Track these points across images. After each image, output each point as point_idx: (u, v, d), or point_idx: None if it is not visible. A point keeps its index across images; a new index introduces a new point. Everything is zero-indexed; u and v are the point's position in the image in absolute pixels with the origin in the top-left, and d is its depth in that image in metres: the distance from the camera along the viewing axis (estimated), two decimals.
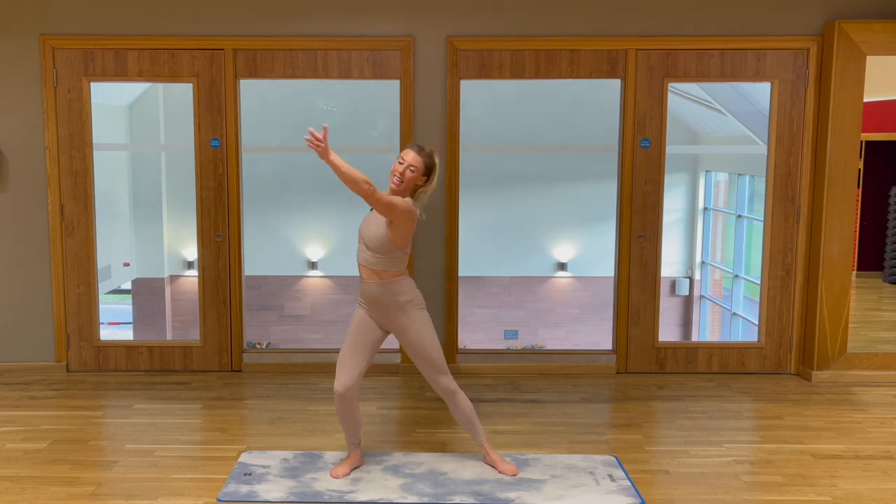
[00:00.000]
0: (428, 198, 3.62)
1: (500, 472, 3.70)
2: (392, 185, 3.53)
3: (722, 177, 11.14)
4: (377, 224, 3.54)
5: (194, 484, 3.61)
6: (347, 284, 11.64)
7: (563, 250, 11.69)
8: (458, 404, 3.71)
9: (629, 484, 3.62)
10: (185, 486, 3.58)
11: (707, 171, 11.30)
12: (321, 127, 3.29)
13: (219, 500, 3.45)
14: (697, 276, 11.52)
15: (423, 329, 3.62)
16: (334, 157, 3.30)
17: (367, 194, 3.34)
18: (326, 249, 11.61)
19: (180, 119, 7.85)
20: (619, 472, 3.74)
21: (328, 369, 5.32)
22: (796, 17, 5.09)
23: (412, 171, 3.51)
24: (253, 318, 11.08)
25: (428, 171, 3.56)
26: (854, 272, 5.92)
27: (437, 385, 3.69)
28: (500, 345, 11.12)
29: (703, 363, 5.38)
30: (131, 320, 11.09)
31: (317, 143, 3.25)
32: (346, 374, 3.60)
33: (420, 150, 3.55)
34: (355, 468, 3.73)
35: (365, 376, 5.25)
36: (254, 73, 5.13)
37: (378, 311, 3.63)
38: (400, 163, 3.52)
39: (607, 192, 6.05)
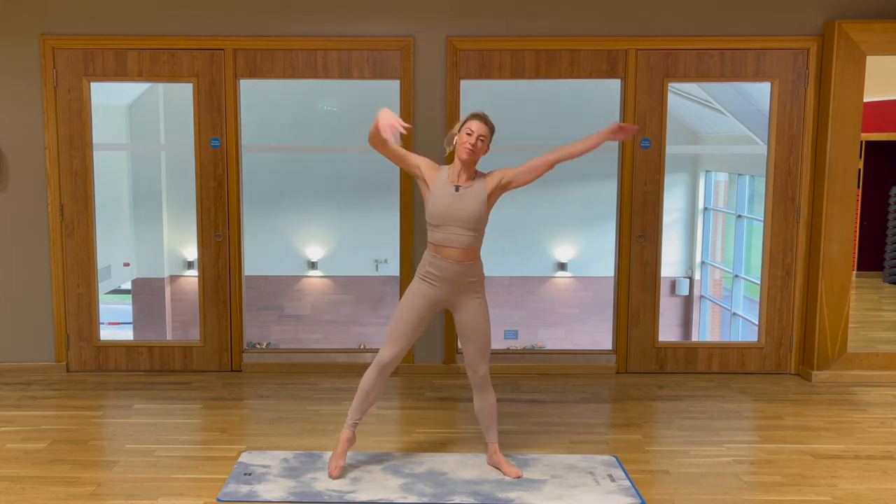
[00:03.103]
0: None
1: (504, 474, 3.70)
2: (462, 157, 3.50)
3: (722, 177, 11.15)
4: (476, 201, 3.53)
5: (194, 484, 3.61)
6: (347, 284, 11.65)
7: (563, 250, 11.70)
8: (487, 397, 3.74)
9: (629, 484, 3.62)
10: (185, 486, 3.58)
11: (707, 171, 11.31)
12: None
13: (219, 500, 3.45)
14: (697, 276, 11.53)
15: (485, 312, 3.68)
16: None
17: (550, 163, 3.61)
18: (326, 249, 11.61)
19: (180, 119, 7.86)
20: (619, 472, 3.74)
21: (328, 369, 5.32)
22: (796, 17, 5.09)
23: (482, 140, 3.51)
24: (253, 318, 11.08)
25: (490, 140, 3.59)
26: (854, 272, 5.92)
27: (477, 371, 3.70)
28: (500, 345, 11.12)
29: (703, 363, 5.38)
30: (131, 320, 11.10)
31: (627, 132, 3.63)
32: (397, 346, 3.62)
33: (485, 120, 3.54)
34: (349, 447, 3.71)
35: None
36: (254, 73, 5.13)
37: (452, 289, 3.62)
38: (468, 133, 3.49)
39: (607, 192, 6.06)
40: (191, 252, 11.12)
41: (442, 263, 3.58)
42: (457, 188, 3.54)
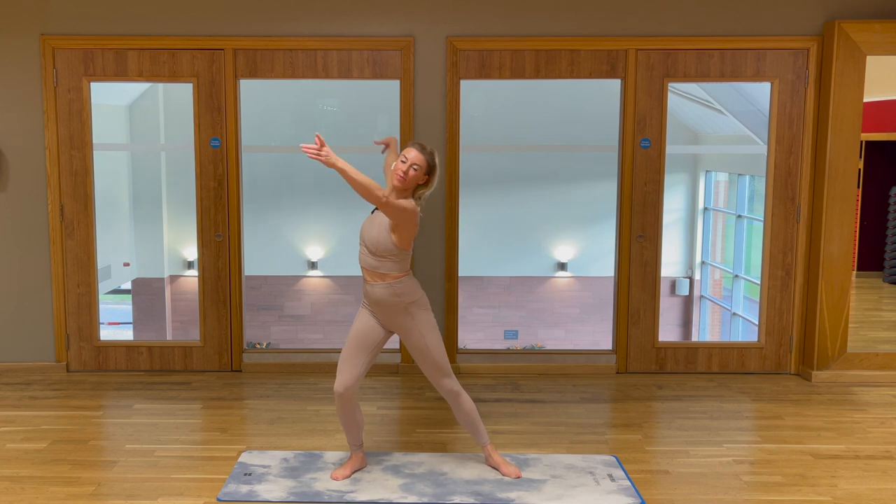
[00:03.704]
0: (425, 199, 3.61)
1: (503, 475, 3.69)
2: (395, 183, 3.48)
3: (722, 177, 11.14)
4: (379, 227, 3.52)
5: (194, 484, 3.61)
6: (347, 284, 11.64)
7: (563, 250, 11.69)
8: (462, 406, 3.69)
9: (629, 484, 3.62)
10: (185, 486, 3.58)
11: (707, 171, 11.30)
12: (322, 130, 3.26)
13: (219, 500, 3.45)
14: (697, 276, 11.52)
15: (426, 331, 3.60)
16: (341, 162, 3.25)
17: (379, 200, 3.31)
18: (326, 249, 11.61)
19: (180, 119, 7.86)
20: (619, 472, 3.74)
21: (328, 369, 5.32)
22: (796, 17, 5.09)
23: (415, 169, 3.46)
24: (253, 318, 11.08)
25: (430, 170, 3.53)
26: (854, 272, 5.92)
27: (440, 387, 3.68)
28: (501, 345, 11.12)
29: (703, 363, 5.38)
30: (131, 320, 11.09)
31: (317, 153, 3.22)
32: (346, 374, 3.60)
33: (422, 149, 3.50)
34: (357, 471, 3.72)
35: (365, 376, 5.25)
36: (254, 73, 5.13)
37: (382, 312, 3.62)
38: (403, 161, 3.48)
39: (607, 192, 6.05)
40: (191, 252, 11.12)
41: (364, 285, 3.62)
42: (373, 210, 3.57)
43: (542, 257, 11.75)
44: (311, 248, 11.59)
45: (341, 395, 3.59)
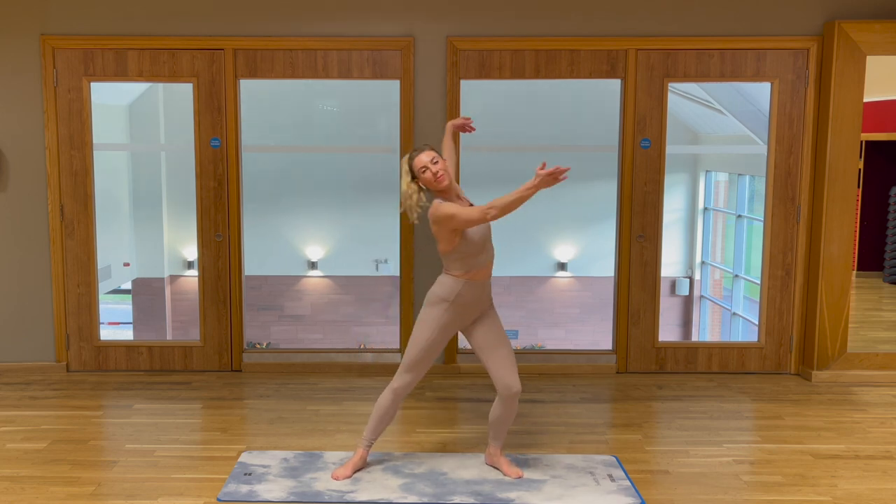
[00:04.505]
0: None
1: (504, 474, 3.69)
2: (443, 186, 3.48)
3: (722, 177, 11.14)
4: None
5: (194, 484, 3.61)
6: (347, 284, 11.65)
7: (563, 250, 11.69)
8: (512, 409, 3.64)
9: (629, 484, 3.62)
10: (185, 486, 3.58)
11: (707, 171, 11.30)
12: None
13: (219, 499, 3.45)
14: (697, 276, 11.52)
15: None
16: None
17: (485, 218, 3.37)
18: (326, 249, 11.60)
19: (180, 119, 7.86)
20: (619, 472, 3.74)
21: (328, 369, 5.32)
22: (796, 17, 5.09)
23: (435, 162, 3.49)
24: (253, 318, 11.08)
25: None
26: (854, 272, 5.92)
27: (510, 387, 3.58)
28: None
29: (703, 363, 5.38)
30: (131, 320, 11.09)
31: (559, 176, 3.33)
32: (417, 375, 3.63)
33: (423, 147, 3.56)
34: (358, 470, 3.72)
35: (365, 376, 5.28)
36: (254, 73, 5.13)
37: (480, 307, 3.65)
38: (433, 163, 3.47)
39: (607, 192, 6.05)
40: (191, 252, 11.12)
41: (479, 285, 3.57)
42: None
43: (542, 257, 11.75)
44: (311, 248, 11.59)
45: (403, 391, 3.64)
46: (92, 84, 5.13)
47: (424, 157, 3.49)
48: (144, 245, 10.98)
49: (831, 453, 4.00)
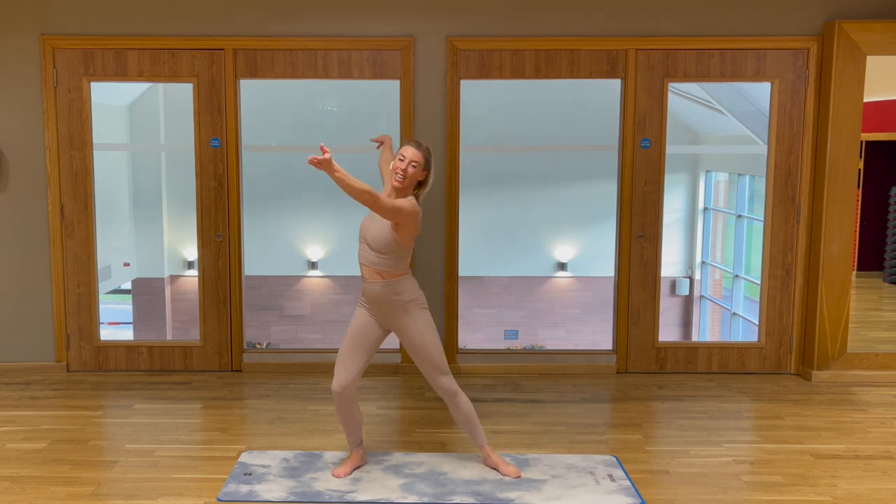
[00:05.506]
0: (423, 198, 3.63)
1: (503, 475, 3.69)
2: (395, 184, 3.52)
3: (722, 177, 11.14)
4: (381, 224, 3.53)
5: (194, 484, 3.61)
6: (347, 284, 11.64)
7: (563, 250, 11.69)
8: (459, 405, 3.69)
9: (629, 484, 3.62)
10: (185, 486, 3.58)
11: (707, 171, 11.30)
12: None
13: (219, 499, 3.45)
14: (697, 276, 11.52)
15: (424, 329, 3.61)
16: (339, 171, 3.30)
17: (371, 203, 3.33)
18: (326, 249, 11.60)
19: (180, 119, 7.86)
20: (619, 472, 3.74)
21: (328, 369, 5.32)
22: (796, 17, 5.09)
23: (414, 166, 3.50)
24: (253, 318, 11.07)
25: (427, 166, 3.56)
26: (854, 272, 5.92)
27: (437, 386, 3.68)
28: (501, 345, 11.11)
29: (703, 363, 5.38)
30: (131, 320, 11.09)
31: (320, 162, 3.24)
32: (343, 374, 3.60)
33: (419, 146, 3.55)
34: (357, 468, 3.73)
35: (365, 376, 5.27)
36: (254, 73, 5.13)
37: (380, 311, 3.63)
38: (401, 160, 3.51)
39: (607, 192, 6.06)
40: (191, 252, 11.11)
41: (363, 283, 3.62)
42: None
43: (542, 257, 11.75)
44: (311, 248, 11.59)
45: (339, 394, 3.60)
46: (92, 84, 5.13)
47: (408, 153, 3.52)
48: (144, 245, 10.97)
49: (831, 453, 4.00)
